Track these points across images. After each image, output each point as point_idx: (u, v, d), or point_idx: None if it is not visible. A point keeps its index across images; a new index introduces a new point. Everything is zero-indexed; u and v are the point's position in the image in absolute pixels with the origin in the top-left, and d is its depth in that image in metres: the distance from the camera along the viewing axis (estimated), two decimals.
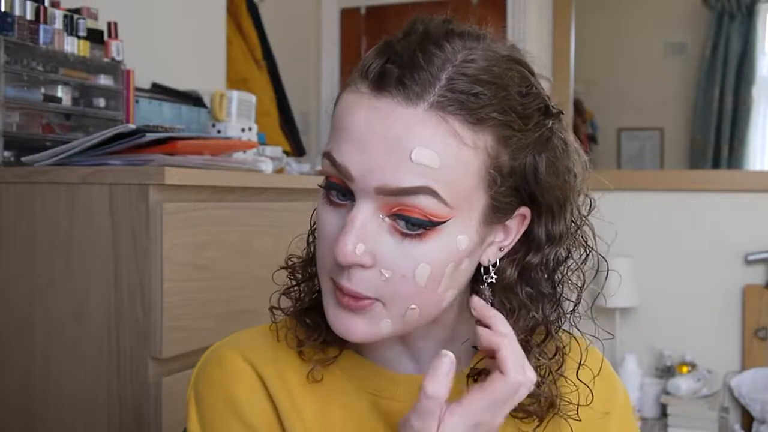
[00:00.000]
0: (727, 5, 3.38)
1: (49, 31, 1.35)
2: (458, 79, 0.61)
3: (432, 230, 0.62)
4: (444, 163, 0.61)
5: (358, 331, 0.66)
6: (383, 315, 0.65)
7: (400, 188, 0.61)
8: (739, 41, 3.38)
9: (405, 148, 0.60)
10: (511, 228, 0.69)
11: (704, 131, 3.42)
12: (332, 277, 0.66)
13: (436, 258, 0.63)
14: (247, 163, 1.47)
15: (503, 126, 0.63)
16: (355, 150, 0.62)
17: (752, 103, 3.40)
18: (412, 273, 0.63)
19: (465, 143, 0.61)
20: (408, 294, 0.64)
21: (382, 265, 0.63)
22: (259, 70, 2.50)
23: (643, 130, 3.52)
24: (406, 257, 0.63)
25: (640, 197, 2.86)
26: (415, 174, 0.60)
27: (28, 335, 1.21)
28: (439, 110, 0.61)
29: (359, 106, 0.63)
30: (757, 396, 2.50)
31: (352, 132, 0.62)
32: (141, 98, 1.60)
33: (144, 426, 1.14)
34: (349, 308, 0.65)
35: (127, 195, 1.14)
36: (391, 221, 0.63)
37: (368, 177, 0.61)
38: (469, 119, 0.61)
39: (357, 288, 0.64)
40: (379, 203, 0.62)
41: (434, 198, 0.61)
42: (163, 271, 1.13)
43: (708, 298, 2.73)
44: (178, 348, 1.17)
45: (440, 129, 0.61)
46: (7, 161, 1.29)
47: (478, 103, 0.61)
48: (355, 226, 0.62)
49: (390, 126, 0.61)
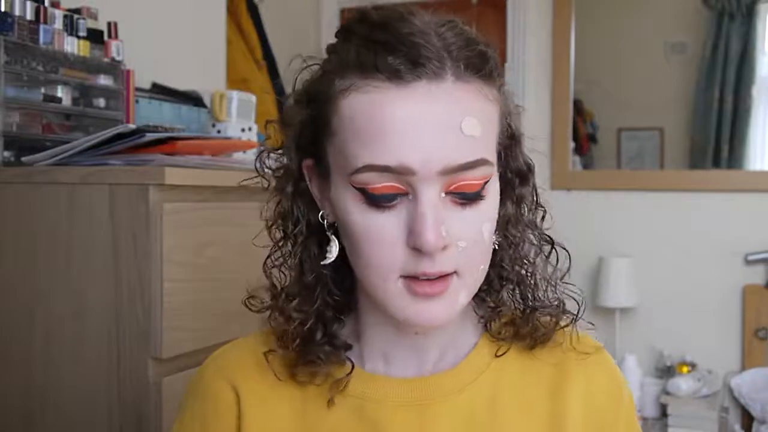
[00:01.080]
0: (727, 5, 3.37)
1: (49, 31, 1.35)
2: (455, 45, 0.64)
3: (483, 192, 0.66)
4: (484, 127, 0.65)
5: (440, 313, 0.67)
6: (460, 287, 0.67)
7: (463, 164, 0.63)
8: (739, 41, 3.37)
9: (454, 122, 0.63)
10: None
11: (704, 131, 3.42)
12: (409, 272, 0.65)
13: (491, 213, 0.68)
14: (247, 163, 1.47)
15: (499, 80, 0.68)
16: (406, 145, 0.62)
17: (752, 103, 3.39)
18: (481, 235, 0.67)
19: (489, 100, 0.66)
20: (480, 256, 0.68)
21: (456, 239, 0.65)
22: (259, 70, 2.50)
23: (643, 130, 3.52)
24: (473, 223, 0.66)
25: (640, 197, 2.86)
26: (470, 147, 0.64)
27: (28, 335, 1.21)
28: (461, 79, 0.64)
29: (389, 101, 0.62)
30: (757, 396, 2.50)
31: (394, 129, 0.62)
32: (141, 98, 1.60)
33: (144, 426, 1.14)
34: (429, 296, 0.66)
35: (127, 195, 1.14)
36: (450, 197, 0.65)
37: (429, 164, 0.62)
38: (484, 77, 0.66)
39: (443, 268, 0.65)
40: (440, 184, 0.64)
41: (488, 166, 0.65)
42: (163, 271, 1.13)
43: (708, 298, 2.73)
44: (178, 348, 1.17)
45: (472, 94, 0.64)
46: (7, 161, 1.29)
47: (484, 61, 0.66)
48: (432, 214, 0.63)
49: (430, 106, 0.62)
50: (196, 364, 1.22)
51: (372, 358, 0.76)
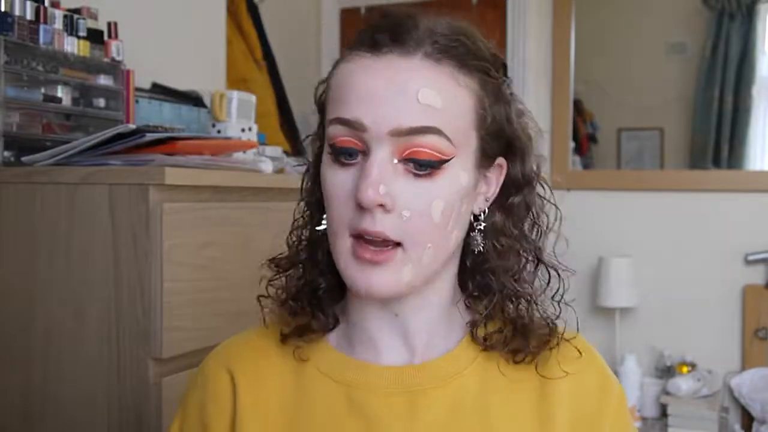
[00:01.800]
0: (727, 5, 3.37)
1: (49, 31, 1.36)
2: (441, 34, 0.70)
3: (439, 169, 0.69)
4: (445, 104, 0.68)
5: (382, 284, 0.69)
6: (404, 260, 0.69)
7: (412, 128, 0.67)
8: (739, 41, 3.37)
9: (411, 90, 0.67)
10: (492, 179, 0.77)
11: (704, 131, 3.42)
12: (354, 228, 0.69)
13: (446, 193, 0.70)
14: (247, 163, 1.47)
15: (482, 72, 0.72)
16: (365, 103, 0.68)
17: (752, 103, 3.39)
18: (429, 209, 0.69)
19: (459, 83, 0.70)
20: (426, 232, 0.69)
21: (401, 207, 0.68)
22: (259, 70, 2.50)
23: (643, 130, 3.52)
24: (422, 195, 0.69)
25: (640, 197, 2.86)
26: (423, 115, 0.68)
27: (28, 335, 1.21)
28: (432, 59, 0.69)
29: (360, 67, 0.70)
30: (757, 396, 2.50)
31: (359, 89, 0.69)
32: (141, 98, 1.60)
33: (144, 426, 1.14)
34: (371, 262, 0.69)
35: (127, 195, 1.14)
36: (404, 165, 0.69)
37: (381, 123, 0.67)
38: (457, 65, 0.70)
39: (381, 229, 0.68)
40: (392, 147, 0.68)
41: (441, 136, 0.68)
42: (163, 271, 1.13)
43: (708, 298, 2.73)
44: (178, 348, 1.17)
45: (437, 72, 0.69)
46: (7, 161, 1.29)
47: (462, 50, 0.71)
48: (375, 171, 0.67)
49: (394, 75, 0.68)
50: (196, 364, 1.22)
51: (360, 345, 0.78)
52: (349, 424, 0.74)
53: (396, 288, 0.70)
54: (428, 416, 0.73)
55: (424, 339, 0.77)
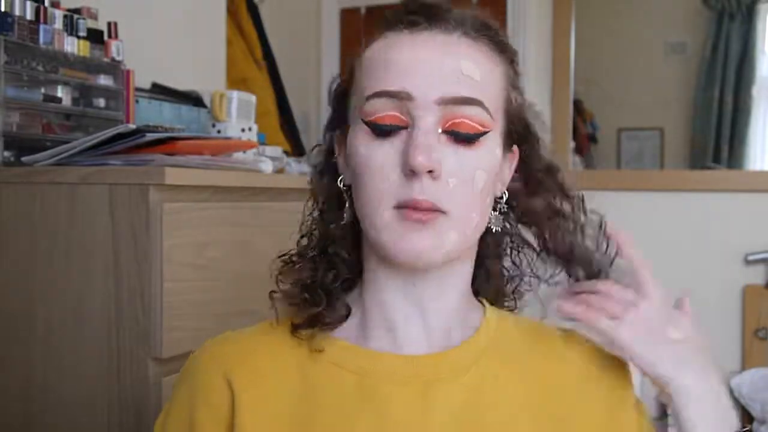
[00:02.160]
0: (727, 5, 3.38)
1: (49, 31, 1.35)
2: (474, 19, 0.74)
3: (479, 141, 0.71)
4: (484, 78, 0.71)
5: (426, 247, 0.69)
6: (448, 226, 0.70)
7: (458, 98, 0.69)
8: (739, 41, 3.38)
9: (454, 62, 0.70)
10: (505, 166, 0.78)
11: (704, 131, 3.42)
12: (400, 199, 0.69)
13: (486, 165, 0.72)
14: (247, 163, 1.47)
15: (509, 61, 0.76)
16: (410, 73, 0.70)
17: (752, 103, 3.40)
18: (472, 178, 0.71)
19: (494, 62, 0.73)
20: (470, 201, 0.71)
21: (447, 174, 0.69)
22: (259, 70, 2.50)
23: (643, 130, 3.52)
24: (466, 164, 0.70)
25: (640, 197, 2.86)
26: (468, 86, 0.70)
27: (28, 335, 1.21)
28: (470, 37, 0.72)
29: (401, 42, 0.72)
30: (757, 396, 2.49)
31: (401, 61, 0.70)
32: (141, 98, 1.60)
33: (144, 426, 1.14)
34: (418, 222, 0.69)
35: (127, 195, 1.14)
36: (447, 135, 0.70)
37: (428, 92, 0.69)
38: (493, 46, 0.74)
39: (430, 198, 0.68)
40: (438, 116, 0.70)
41: (482, 108, 0.71)
42: (163, 271, 1.13)
43: (708, 298, 2.73)
44: (178, 348, 1.17)
45: (475, 49, 0.72)
46: (7, 161, 1.29)
47: (496, 36, 0.75)
48: (422, 137, 0.68)
49: (435, 48, 0.71)
50: None
51: (376, 334, 0.76)
52: (360, 411, 0.72)
53: (441, 251, 0.70)
54: (443, 406, 0.72)
55: (442, 324, 0.76)
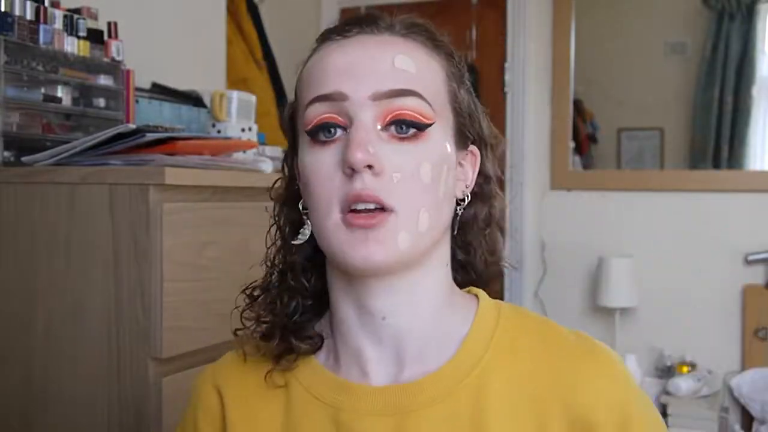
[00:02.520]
0: (727, 5, 3.37)
1: (49, 31, 1.35)
2: (407, 21, 0.74)
3: (423, 133, 0.70)
4: (419, 69, 0.70)
5: (378, 251, 0.67)
6: (398, 227, 0.67)
7: (393, 90, 0.68)
8: (739, 41, 3.37)
9: (387, 57, 0.69)
10: (467, 167, 0.77)
11: (704, 131, 3.42)
12: (344, 198, 0.68)
13: (433, 157, 0.70)
14: (247, 163, 1.47)
15: (449, 56, 0.75)
16: (343, 74, 0.69)
17: (752, 103, 3.39)
18: (418, 171, 0.69)
19: (430, 56, 0.73)
20: (417, 195, 0.69)
21: (390, 169, 0.68)
22: (259, 70, 2.50)
23: (643, 130, 3.52)
24: (409, 158, 0.69)
25: (640, 197, 2.86)
26: (401, 78, 0.69)
27: (28, 335, 1.21)
28: (402, 36, 0.72)
29: (333, 49, 0.72)
30: (757, 396, 2.50)
31: (334, 65, 0.70)
32: (141, 98, 1.60)
33: (144, 426, 1.14)
34: (365, 227, 0.67)
35: (127, 195, 1.14)
36: (387, 132, 0.69)
37: (361, 89, 0.68)
38: (427, 43, 0.73)
39: (373, 191, 0.67)
40: (375, 113, 0.69)
41: (420, 99, 0.69)
42: (163, 271, 1.13)
43: (708, 298, 2.73)
44: (178, 348, 1.17)
45: (408, 44, 0.72)
46: (7, 161, 1.29)
47: (430, 33, 0.74)
48: (360, 134, 0.67)
49: (367, 47, 0.70)
50: (196, 364, 1.22)
51: (347, 361, 0.74)
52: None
53: (394, 254, 0.67)
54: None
55: (415, 347, 0.72)
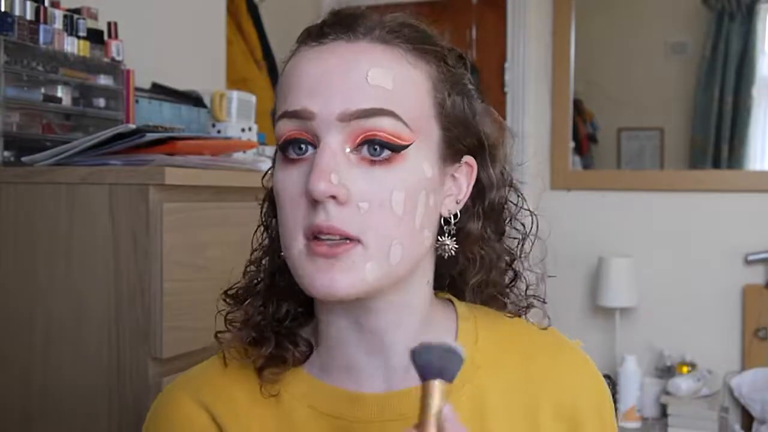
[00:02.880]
0: (727, 5, 3.37)
1: (49, 31, 1.35)
2: (391, 22, 0.66)
3: (398, 156, 0.64)
4: (397, 85, 0.64)
5: (342, 282, 0.62)
6: (365, 258, 0.63)
7: (362, 110, 0.62)
8: (739, 41, 3.37)
9: (359, 71, 0.63)
10: (461, 180, 0.71)
11: (704, 131, 3.42)
12: (307, 227, 0.63)
13: (407, 184, 0.64)
14: (247, 163, 1.47)
15: (438, 59, 0.68)
16: (311, 90, 0.63)
17: (752, 103, 3.39)
18: (389, 201, 0.63)
19: (411, 65, 0.65)
20: (388, 226, 0.63)
21: (357, 199, 0.62)
22: (259, 70, 2.50)
23: (643, 130, 3.52)
24: (379, 185, 0.63)
25: (640, 197, 2.86)
26: (373, 96, 0.63)
27: (28, 335, 1.21)
28: (382, 41, 0.65)
29: (306, 58, 0.66)
30: (757, 396, 2.50)
31: (304, 78, 0.64)
32: (141, 98, 1.60)
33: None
34: (326, 257, 0.62)
35: (127, 195, 1.14)
36: (358, 154, 0.63)
37: (329, 106, 0.62)
38: (410, 47, 0.66)
39: (337, 224, 0.62)
40: (344, 135, 0.63)
41: (395, 119, 0.63)
42: (163, 271, 1.13)
43: (708, 298, 2.73)
44: (178, 348, 1.17)
45: (387, 53, 0.65)
46: (7, 161, 1.29)
47: (415, 35, 0.67)
48: (325, 159, 0.62)
49: (340, 58, 0.64)
50: (196, 364, 1.22)
51: (338, 371, 0.71)
52: None
53: (360, 286, 0.63)
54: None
55: (405, 360, 0.67)
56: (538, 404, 0.71)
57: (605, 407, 0.75)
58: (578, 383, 0.74)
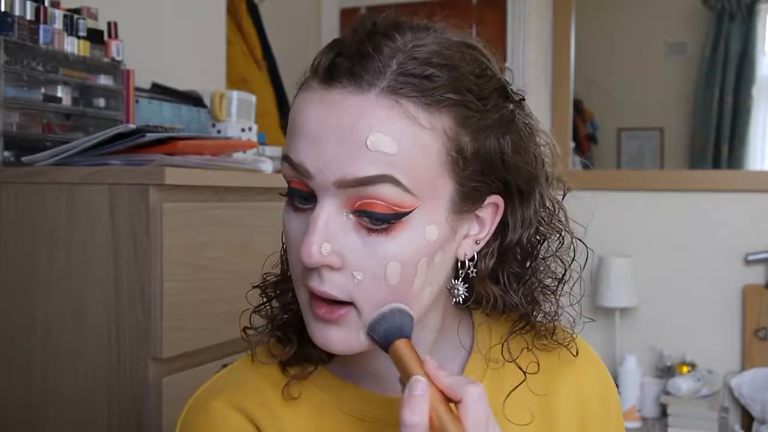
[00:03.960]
0: (727, 5, 3.37)
1: (49, 31, 1.35)
2: (409, 63, 0.60)
3: (398, 223, 0.60)
4: (402, 148, 0.59)
5: (338, 342, 0.63)
6: (360, 322, 0.62)
7: (359, 179, 0.59)
8: (739, 41, 3.37)
9: (360, 135, 0.58)
10: (485, 219, 0.67)
11: (704, 131, 3.42)
12: (305, 284, 0.63)
13: (405, 253, 0.61)
14: (247, 163, 1.47)
15: (460, 106, 0.62)
16: (310, 146, 0.60)
17: (752, 103, 3.39)
18: (383, 272, 0.61)
19: (421, 125, 0.60)
20: (382, 296, 0.61)
21: (352, 267, 0.61)
22: (259, 70, 2.50)
23: (643, 130, 3.52)
24: (375, 256, 0.60)
25: (640, 197, 2.86)
26: (373, 162, 0.58)
27: (28, 335, 1.21)
28: (391, 94, 0.59)
29: (311, 102, 0.61)
30: (757, 396, 2.50)
31: (306, 128, 0.61)
32: (141, 98, 1.60)
33: (144, 426, 1.14)
34: (324, 320, 0.63)
35: (127, 195, 1.14)
36: (356, 218, 0.61)
37: (325, 172, 0.59)
38: (423, 101, 0.60)
39: (330, 290, 0.61)
40: (341, 199, 0.60)
41: (396, 186, 0.59)
42: (163, 271, 1.13)
43: (708, 298, 2.73)
44: (178, 348, 1.17)
45: (394, 112, 0.59)
46: (7, 161, 1.29)
47: (431, 84, 0.60)
48: (319, 226, 0.60)
49: (342, 115, 0.59)
50: (196, 364, 1.22)
51: (361, 375, 0.71)
52: None
53: (356, 347, 0.63)
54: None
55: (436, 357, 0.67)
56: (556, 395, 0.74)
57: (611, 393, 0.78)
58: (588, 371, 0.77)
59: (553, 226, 0.72)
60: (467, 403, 0.56)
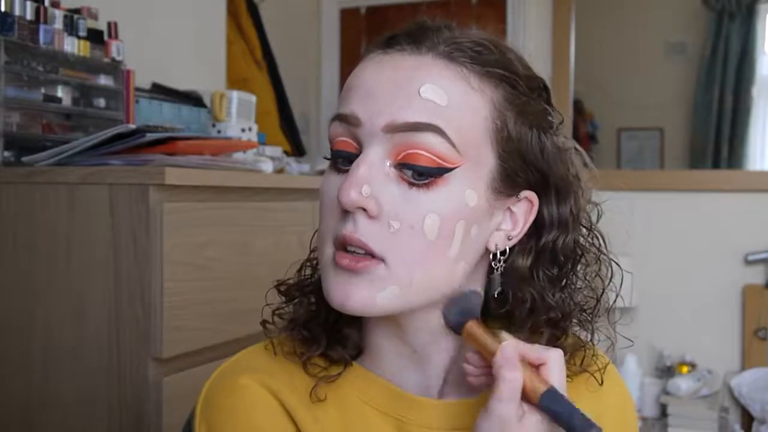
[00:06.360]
0: (727, 5, 3.38)
1: (49, 31, 1.35)
2: (463, 38, 0.64)
3: (440, 179, 0.61)
4: (452, 103, 0.61)
5: (357, 298, 0.61)
6: (387, 280, 0.61)
7: (408, 123, 0.60)
8: (739, 41, 3.38)
9: (414, 85, 0.61)
10: (518, 215, 0.67)
11: (704, 131, 3.42)
12: (335, 235, 0.62)
13: (445, 209, 0.61)
14: (247, 163, 1.47)
15: (508, 83, 0.65)
16: (364, 98, 0.62)
17: (752, 103, 3.40)
18: (421, 224, 0.60)
19: (472, 86, 0.62)
20: (417, 250, 0.61)
21: (389, 216, 0.60)
22: (259, 70, 2.50)
23: (643, 130, 3.52)
24: (414, 206, 0.60)
25: (640, 197, 2.86)
26: (423, 110, 0.60)
27: (28, 335, 1.21)
28: (446, 58, 0.63)
29: (369, 63, 0.64)
30: (757, 396, 2.50)
31: (361, 84, 0.63)
32: (141, 98, 1.60)
33: (144, 426, 1.14)
34: (348, 269, 0.61)
35: (127, 195, 1.14)
36: (398, 171, 0.61)
37: (376, 117, 0.61)
38: (475, 68, 0.63)
39: (362, 237, 0.60)
40: (387, 147, 0.61)
41: (442, 137, 0.60)
42: (163, 271, 1.13)
43: (708, 298, 2.73)
44: (178, 348, 1.17)
45: (448, 71, 0.62)
46: (7, 161, 1.29)
47: (482, 57, 0.64)
48: (361, 169, 0.61)
49: (399, 70, 0.62)
50: (196, 364, 1.22)
51: (387, 374, 0.70)
52: None
53: (373, 306, 0.61)
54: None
55: (455, 373, 0.69)
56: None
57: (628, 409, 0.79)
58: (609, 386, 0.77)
59: (591, 242, 0.74)
60: (550, 365, 0.59)
